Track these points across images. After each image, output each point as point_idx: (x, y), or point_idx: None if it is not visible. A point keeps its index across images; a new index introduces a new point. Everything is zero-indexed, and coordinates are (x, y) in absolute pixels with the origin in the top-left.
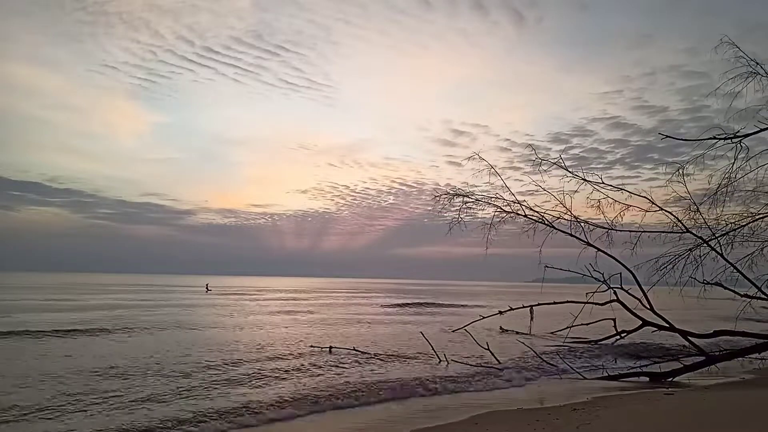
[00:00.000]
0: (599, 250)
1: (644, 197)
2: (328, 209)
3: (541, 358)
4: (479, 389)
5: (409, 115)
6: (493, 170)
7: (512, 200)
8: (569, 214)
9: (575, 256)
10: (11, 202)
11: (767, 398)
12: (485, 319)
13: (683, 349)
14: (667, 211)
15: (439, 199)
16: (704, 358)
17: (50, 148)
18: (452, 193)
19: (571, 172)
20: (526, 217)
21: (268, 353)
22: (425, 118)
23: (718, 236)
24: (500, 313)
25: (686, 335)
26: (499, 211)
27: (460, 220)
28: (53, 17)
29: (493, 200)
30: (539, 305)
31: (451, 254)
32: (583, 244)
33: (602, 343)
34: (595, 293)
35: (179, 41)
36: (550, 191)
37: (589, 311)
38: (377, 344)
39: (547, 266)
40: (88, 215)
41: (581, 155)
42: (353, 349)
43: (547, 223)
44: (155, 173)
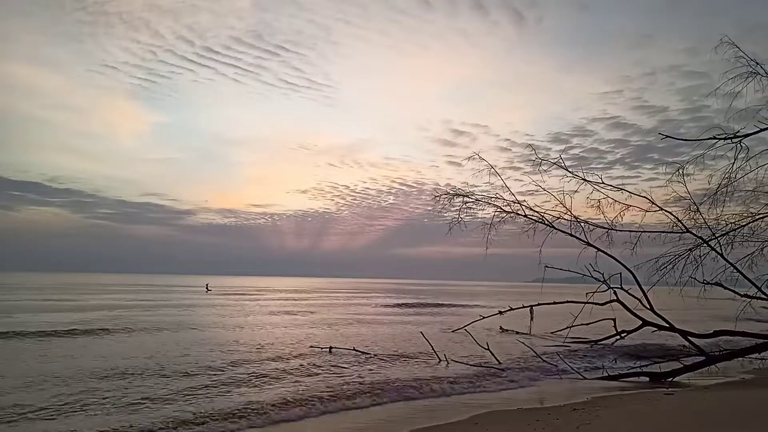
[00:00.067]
0: (599, 250)
1: (644, 197)
2: (328, 209)
3: (541, 358)
4: (479, 389)
5: (409, 115)
6: (493, 170)
7: (512, 200)
8: (569, 214)
9: (575, 256)
10: (11, 202)
11: (767, 398)
12: (485, 319)
13: (683, 349)
14: (667, 211)
15: (439, 199)
16: (704, 358)
17: (50, 148)
18: (452, 193)
19: (571, 172)
20: (526, 217)
21: (268, 354)
22: (425, 118)
23: (718, 236)
24: (500, 313)
25: (686, 335)
26: (499, 211)
27: (460, 220)
28: (53, 17)
29: (493, 200)
30: (539, 305)
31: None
32: (583, 244)
33: (602, 343)
34: (595, 293)
35: (179, 41)
36: (550, 191)
37: (589, 311)
38: (377, 344)
39: (547, 266)
40: (88, 215)
41: (581, 155)
42: (353, 349)
43: (547, 223)
44: (155, 173)
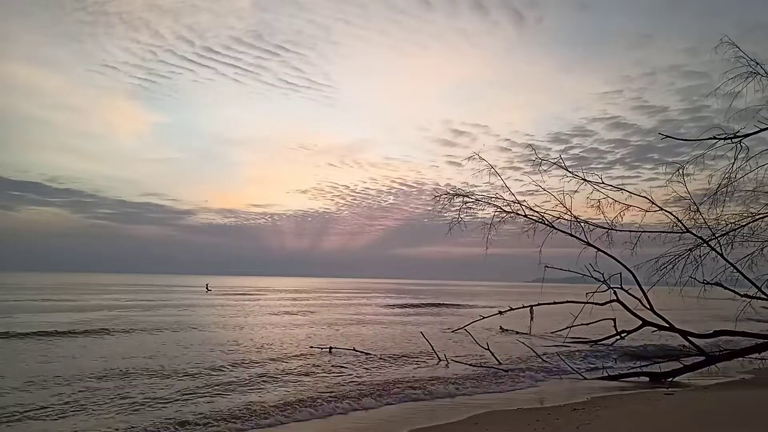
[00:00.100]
0: (599, 250)
1: (644, 197)
2: (328, 209)
3: (541, 358)
4: (479, 389)
5: (409, 115)
6: (493, 170)
7: (512, 200)
8: (569, 214)
9: (575, 256)
10: (11, 202)
11: (767, 398)
12: (485, 319)
13: (683, 349)
14: (667, 211)
15: (439, 199)
16: (704, 358)
17: (50, 148)
18: (452, 193)
19: (571, 172)
20: (526, 217)
21: (268, 354)
22: (425, 118)
23: (718, 236)
24: (500, 313)
25: (686, 335)
26: (499, 211)
27: (460, 220)
28: (53, 17)
29: (493, 200)
30: (539, 305)
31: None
32: (583, 244)
33: (602, 343)
34: (595, 293)
35: (179, 41)
36: (550, 191)
37: (589, 311)
38: (377, 344)
39: (547, 266)
40: (88, 215)
41: (581, 155)
42: (353, 349)
43: (547, 223)
44: (155, 173)
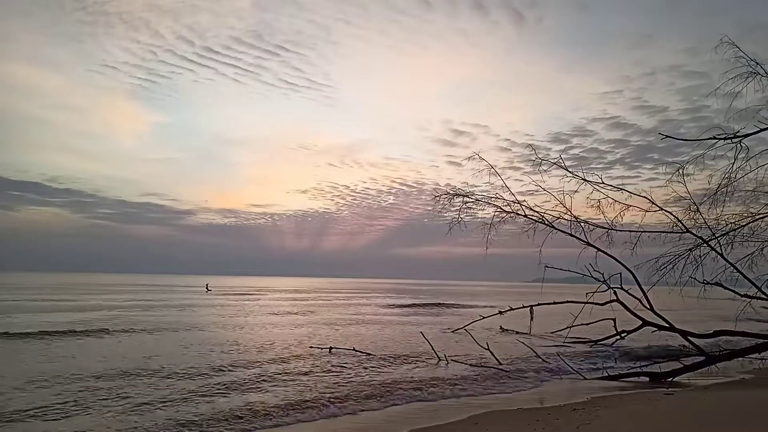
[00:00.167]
0: (599, 250)
1: (644, 197)
2: (328, 209)
3: (541, 358)
4: (479, 389)
5: (409, 115)
6: (493, 170)
7: (512, 200)
8: (569, 214)
9: (575, 256)
10: (11, 202)
11: (767, 398)
12: (485, 319)
13: (683, 349)
14: (667, 211)
15: (439, 199)
16: (704, 358)
17: (50, 148)
18: (452, 193)
19: (571, 172)
20: (526, 217)
21: (268, 354)
22: (425, 118)
23: (718, 236)
24: (500, 313)
25: (686, 335)
26: (499, 211)
27: (460, 220)
28: (53, 17)
29: (493, 200)
30: (539, 305)
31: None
32: (583, 244)
33: (602, 343)
34: (595, 293)
35: (179, 41)
36: (550, 191)
37: (589, 311)
38: (377, 344)
39: (547, 266)
40: (88, 215)
41: (581, 155)
42: (353, 349)
43: (547, 223)
44: (155, 173)
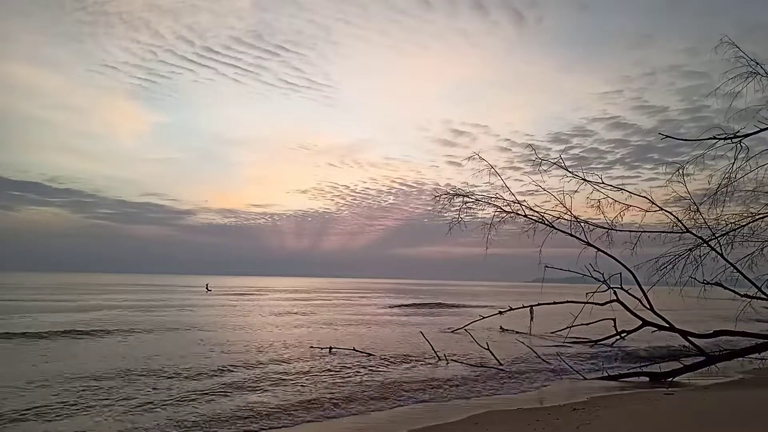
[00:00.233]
0: (599, 250)
1: (644, 197)
2: (328, 209)
3: (541, 358)
4: (479, 389)
5: (409, 115)
6: (493, 170)
7: (512, 200)
8: (569, 214)
9: (575, 256)
10: (11, 202)
11: (767, 398)
12: (485, 319)
13: (683, 349)
14: (667, 211)
15: (439, 199)
16: (704, 358)
17: (50, 148)
18: (452, 193)
19: (571, 172)
20: (526, 217)
21: (268, 354)
22: (425, 118)
23: (718, 236)
24: (500, 313)
25: (686, 335)
26: (499, 211)
27: (460, 220)
28: (53, 17)
29: (493, 200)
30: (539, 305)
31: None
32: (583, 244)
33: (602, 343)
34: (595, 293)
35: (179, 41)
36: (550, 191)
37: (589, 311)
38: (377, 344)
39: (547, 266)
40: (88, 215)
41: (581, 155)
42: (353, 349)
43: (547, 223)
44: (155, 173)
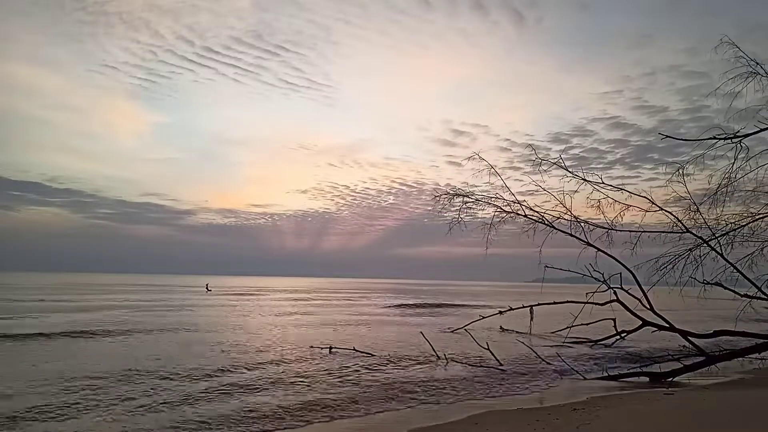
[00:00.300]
0: (599, 250)
1: (644, 197)
2: (328, 209)
3: (541, 358)
4: (479, 389)
5: (409, 115)
6: (493, 170)
7: (512, 200)
8: (569, 214)
9: (575, 256)
10: (11, 202)
11: (767, 398)
12: (485, 319)
13: (683, 349)
14: (667, 211)
15: (439, 199)
16: (704, 358)
17: (50, 148)
18: (452, 193)
19: (571, 172)
20: (526, 217)
21: (268, 354)
22: (425, 118)
23: (718, 236)
24: (500, 313)
25: (686, 335)
26: (499, 211)
27: (460, 220)
28: (53, 17)
29: (493, 200)
30: (539, 305)
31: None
32: (583, 244)
33: (602, 343)
34: (595, 293)
35: (179, 41)
36: (550, 191)
37: (589, 311)
38: (377, 344)
39: (547, 266)
40: (88, 215)
41: (581, 155)
42: (353, 349)
43: (547, 223)
44: (155, 173)
